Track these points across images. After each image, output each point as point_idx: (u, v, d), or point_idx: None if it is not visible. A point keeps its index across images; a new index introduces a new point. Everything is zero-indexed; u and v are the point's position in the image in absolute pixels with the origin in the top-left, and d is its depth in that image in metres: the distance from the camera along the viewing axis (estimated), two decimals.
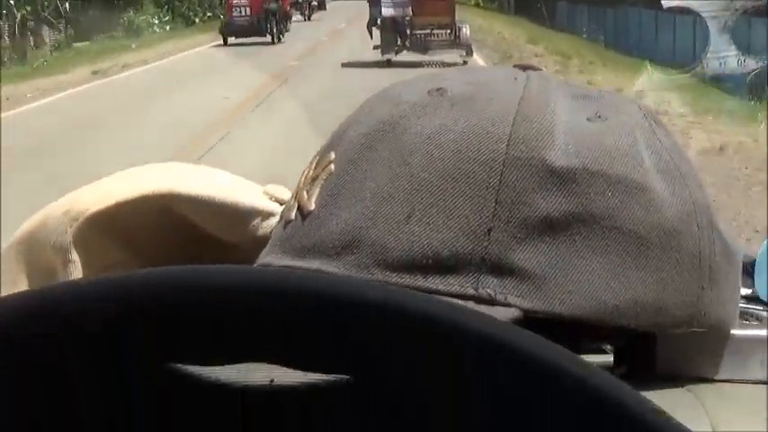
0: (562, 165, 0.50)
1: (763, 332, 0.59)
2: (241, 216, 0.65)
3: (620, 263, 0.51)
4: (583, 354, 0.50)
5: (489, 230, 0.49)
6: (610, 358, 0.58)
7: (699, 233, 0.53)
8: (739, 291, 0.57)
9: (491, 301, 0.49)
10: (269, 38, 21.45)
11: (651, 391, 0.51)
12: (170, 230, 0.65)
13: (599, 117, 0.53)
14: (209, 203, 0.64)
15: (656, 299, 0.51)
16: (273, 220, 0.63)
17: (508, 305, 0.49)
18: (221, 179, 0.67)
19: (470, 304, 0.48)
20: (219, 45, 21.13)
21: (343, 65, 15.48)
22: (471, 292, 0.49)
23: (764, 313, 0.64)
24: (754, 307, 0.66)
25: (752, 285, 0.68)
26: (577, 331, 0.52)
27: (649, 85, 9.76)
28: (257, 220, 0.65)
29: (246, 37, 20.92)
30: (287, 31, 23.24)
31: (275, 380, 0.43)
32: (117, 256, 0.65)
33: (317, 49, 19.47)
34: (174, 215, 0.64)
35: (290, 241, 0.53)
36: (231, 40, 21.15)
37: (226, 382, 0.43)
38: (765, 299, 0.66)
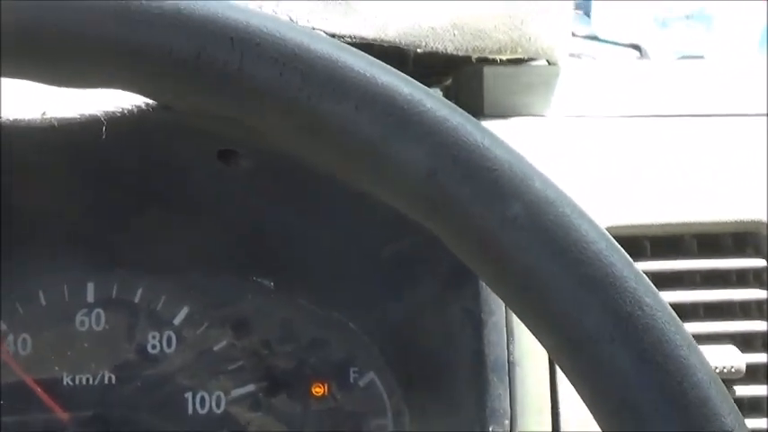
0: None
1: (595, 66, 0.57)
2: None
3: None
4: None
5: None
6: None
7: None
8: (570, 19, 0.54)
9: None
10: None
11: None
12: None
13: None
14: None
15: (475, 20, 0.48)
16: None
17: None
18: None
19: None
20: None
21: None
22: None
23: (600, 44, 0.62)
24: (590, 44, 0.63)
25: (588, 23, 0.66)
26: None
27: None
28: None
29: None
30: None
31: (46, 113, 0.40)
32: None
33: None
34: None
35: None
36: None
37: None
38: (601, 37, 0.64)
